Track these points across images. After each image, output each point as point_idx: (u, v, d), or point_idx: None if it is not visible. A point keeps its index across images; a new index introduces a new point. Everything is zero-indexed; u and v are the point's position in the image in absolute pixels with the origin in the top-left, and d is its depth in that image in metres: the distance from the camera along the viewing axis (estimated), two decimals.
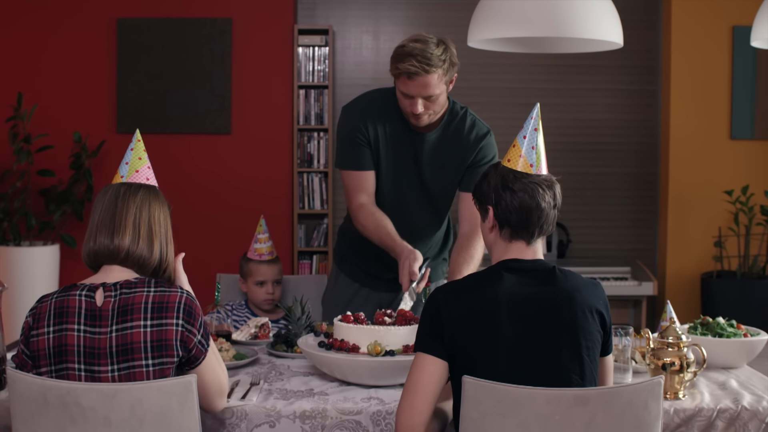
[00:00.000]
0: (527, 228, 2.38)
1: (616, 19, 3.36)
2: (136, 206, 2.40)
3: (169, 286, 2.35)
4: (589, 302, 2.35)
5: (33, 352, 2.31)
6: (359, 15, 6.92)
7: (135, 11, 6.75)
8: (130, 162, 2.49)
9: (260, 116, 6.84)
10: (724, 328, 3.04)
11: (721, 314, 3.44)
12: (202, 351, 2.35)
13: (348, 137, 3.39)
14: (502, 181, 2.39)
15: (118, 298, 2.30)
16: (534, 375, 2.24)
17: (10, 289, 5.99)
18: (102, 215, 2.39)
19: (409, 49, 3.14)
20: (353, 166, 3.39)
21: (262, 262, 3.77)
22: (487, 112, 5.66)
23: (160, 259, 2.42)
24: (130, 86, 6.75)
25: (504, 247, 2.42)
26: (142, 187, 2.45)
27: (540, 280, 2.35)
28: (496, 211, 2.39)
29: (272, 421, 2.50)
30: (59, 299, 2.32)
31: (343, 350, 2.77)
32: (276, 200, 6.84)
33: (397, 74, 3.19)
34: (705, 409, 2.57)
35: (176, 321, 2.30)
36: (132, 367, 2.26)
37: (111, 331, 2.27)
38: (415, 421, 2.27)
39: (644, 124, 6.98)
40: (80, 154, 6.49)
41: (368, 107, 3.39)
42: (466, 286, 2.36)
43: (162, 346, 2.28)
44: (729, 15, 6.67)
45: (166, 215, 2.46)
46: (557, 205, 2.41)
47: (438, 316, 2.31)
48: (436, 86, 3.17)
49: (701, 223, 6.74)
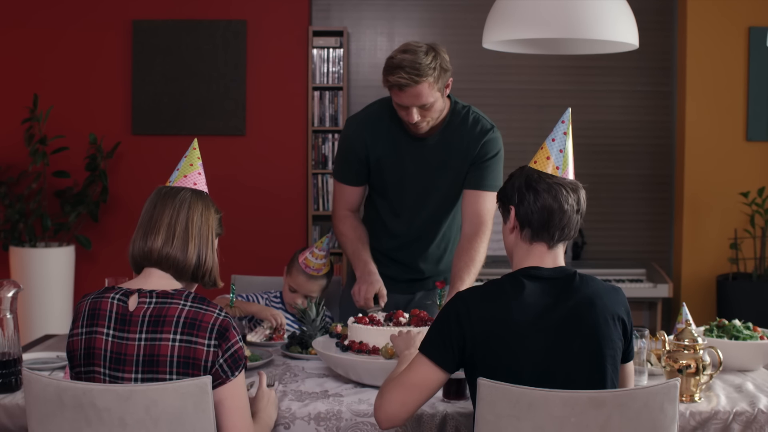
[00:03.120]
0: (548, 230, 2.36)
1: (632, 21, 3.35)
2: (174, 208, 2.35)
3: (206, 304, 2.28)
4: (611, 309, 2.33)
5: (70, 352, 2.31)
6: (374, 17, 6.92)
7: (150, 13, 6.76)
8: (180, 168, 2.45)
9: (275, 118, 6.84)
10: (740, 331, 3.03)
11: (737, 316, 3.43)
12: (221, 375, 2.25)
13: (342, 150, 3.53)
14: (527, 180, 2.38)
15: (152, 307, 2.26)
16: (558, 385, 2.21)
17: (26, 290, 6.01)
18: (142, 218, 2.37)
19: (398, 60, 3.14)
20: (339, 179, 3.54)
21: (303, 273, 3.66)
22: (502, 113, 5.68)
23: (198, 262, 2.35)
24: (146, 88, 6.77)
25: (525, 251, 2.40)
26: (184, 189, 2.40)
27: (561, 289, 2.33)
28: (518, 210, 2.38)
29: (287, 423, 2.50)
30: (94, 300, 2.31)
31: (363, 352, 2.77)
32: (290, 202, 6.84)
33: (389, 86, 3.20)
34: (721, 412, 2.56)
35: (208, 341, 2.23)
36: (156, 379, 2.23)
37: (140, 339, 2.24)
38: (402, 417, 2.32)
39: (659, 126, 6.96)
40: (96, 155, 6.51)
41: (368, 120, 3.46)
42: (487, 294, 2.33)
43: (189, 363, 2.23)
44: (744, 16, 6.64)
45: (208, 218, 2.39)
46: (581, 211, 2.39)
47: (457, 323, 2.29)
48: (429, 95, 3.17)
49: (717, 224, 6.71)
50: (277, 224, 6.80)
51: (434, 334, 2.34)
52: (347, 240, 3.48)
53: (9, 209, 6.39)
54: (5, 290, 2.66)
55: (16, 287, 2.69)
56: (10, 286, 2.68)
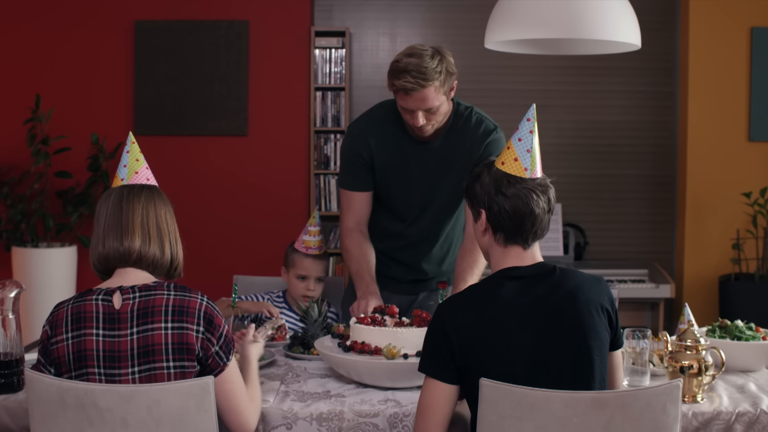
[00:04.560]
0: (521, 234, 2.36)
1: (634, 21, 3.35)
2: (142, 206, 2.38)
3: (189, 291, 2.33)
4: (594, 300, 2.33)
5: (54, 360, 2.31)
6: (376, 17, 6.92)
7: (153, 14, 6.76)
8: (128, 164, 2.46)
9: (277, 118, 6.84)
10: (743, 331, 3.03)
11: (740, 317, 3.43)
12: (219, 363, 2.32)
13: (345, 157, 3.49)
14: (496, 185, 2.36)
15: (137, 301, 2.29)
16: (548, 381, 2.22)
17: (28, 290, 6.00)
18: (108, 219, 2.37)
19: (404, 64, 3.12)
20: (345, 186, 3.50)
21: (308, 256, 3.67)
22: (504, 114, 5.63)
23: (171, 258, 2.41)
24: (148, 88, 6.77)
25: (501, 253, 2.40)
26: (144, 188, 2.43)
27: (542, 285, 2.33)
28: (489, 215, 2.37)
29: (289, 423, 2.50)
30: (75, 305, 2.32)
31: (366, 353, 2.77)
32: (293, 202, 6.84)
33: (394, 90, 3.19)
34: (723, 413, 2.56)
35: (196, 327, 2.28)
36: (153, 369, 2.26)
37: (131, 333, 2.26)
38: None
39: (662, 126, 6.95)
40: (98, 155, 6.51)
41: (370, 125, 3.44)
42: (469, 300, 2.34)
43: (183, 349, 2.27)
44: (747, 16, 6.63)
45: (171, 214, 2.44)
46: (551, 210, 2.39)
47: (444, 335, 2.29)
48: (435, 98, 3.16)
49: (719, 225, 6.70)
50: (279, 225, 6.80)
51: (427, 350, 2.34)
52: (352, 258, 3.43)
53: (11, 209, 6.40)
54: (7, 290, 2.67)
55: (19, 287, 2.70)
56: (13, 287, 2.68)
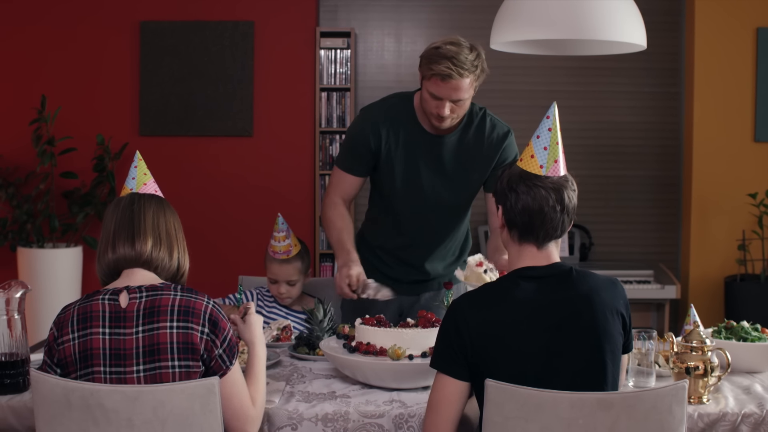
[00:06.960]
0: (532, 231, 2.36)
1: (640, 22, 3.34)
2: (153, 212, 2.42)
3: (195, 293, 2.35)
4: (610, 304, 2.33)
5: (60, 360, 2.32)
6: (381, 17, 6.92)
7: (158, 14, 6.77)
8: (136, 177, 2.52)
9: (282, 118, 6.84)
10: (749, 332, 3.02)
11: (745, 318, 3.42)
12: (222, 366, 2.33)
13: (350, 139, 3.48)
14: (509, 182, 2.38)
15: (143, 300, 2.30)
16: (560, 383, 2.22)
17: (34, 290, 6.01)
18: (117, 224, 2.40)
19: (444, 51, 3.13)
20: (342, 166, 3.49)
21: (274, 261, 3.74)
22: (510, 114, 5.65)
23: (178, 266, 2.44)
24: (153, 89, 6.77)
25: (516, 251, 2.40)
26: (153, 196, 2.48)
27: (558, 286, 2.33)
28: (504, 211, 2.39)
29: (294, 424, 2.50)
30: (82, 306, 2.33)
31: (371, 354, 2.77)
32: (298, 202, 6.84)
33: (429, 75, 3.17)
34: (729, 414, 2.56)
35: (201, 328, 2.30)
36: (158, 368, 2.27)
37: (137, 332, 2.27)
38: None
39: (667, 127, 6.94)
40: (103, 156, 6.52)
41: (384, 112, 3.42)
42: (484, 298, 2.34)
43: (188, 348, 2.28)
44: (753, 17, 6.62)
45: (180, 225, 2.48)
46: (567, 209, 2.36)
47: (457, 332, 2.29)
48: (466, 91, 3.17)
49: (725, 226, 6.69)
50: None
51: (440, 346, 2.35)
52: (333, 228, 3.42)
53: (17, 210, 6.40)
54: (13, 291, 2.67)
55: (24, 288, 2.70)
56: (18, 287, 2.69)
